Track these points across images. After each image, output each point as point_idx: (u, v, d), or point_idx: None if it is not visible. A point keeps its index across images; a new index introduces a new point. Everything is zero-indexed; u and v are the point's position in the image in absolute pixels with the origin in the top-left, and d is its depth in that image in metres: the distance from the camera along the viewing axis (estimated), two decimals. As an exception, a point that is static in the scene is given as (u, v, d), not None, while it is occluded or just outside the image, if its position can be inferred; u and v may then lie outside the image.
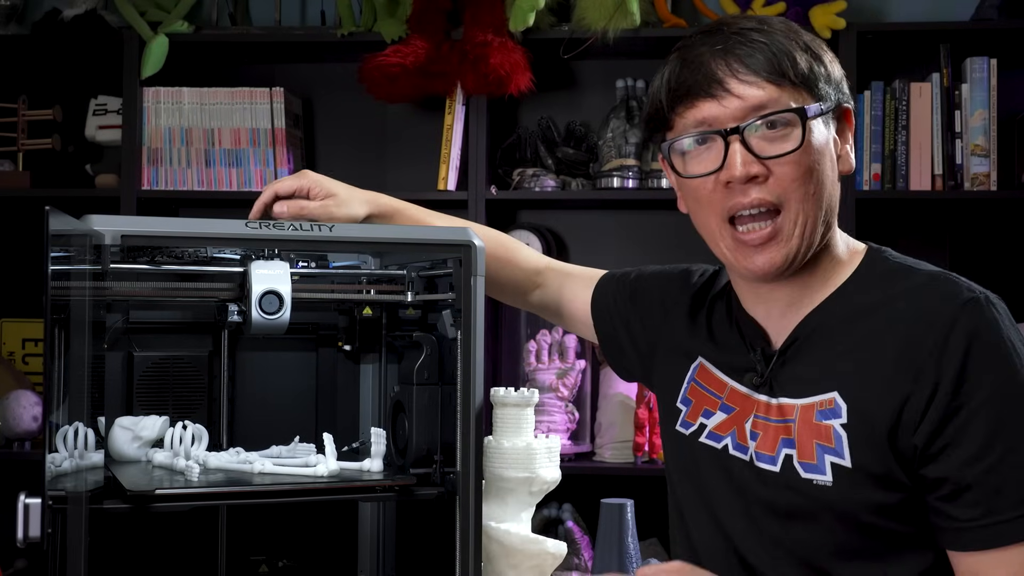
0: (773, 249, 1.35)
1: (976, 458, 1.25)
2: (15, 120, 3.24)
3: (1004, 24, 3.03)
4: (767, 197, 1.34)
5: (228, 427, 1.94)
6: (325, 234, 1.66)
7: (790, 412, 1.38)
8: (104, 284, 1.64)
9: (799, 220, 1.34)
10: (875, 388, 1.31)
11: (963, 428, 1.26)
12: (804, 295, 1.41)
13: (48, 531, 1.35)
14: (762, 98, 1.33)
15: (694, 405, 1.52)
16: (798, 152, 1.33)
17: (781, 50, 1.34)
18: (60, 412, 1.49)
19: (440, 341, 1.79)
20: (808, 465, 1.35)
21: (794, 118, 1.33)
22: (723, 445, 1.45)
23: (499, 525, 1.78)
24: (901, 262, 1.40)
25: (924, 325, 1.30)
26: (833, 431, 1.33)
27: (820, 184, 1.35)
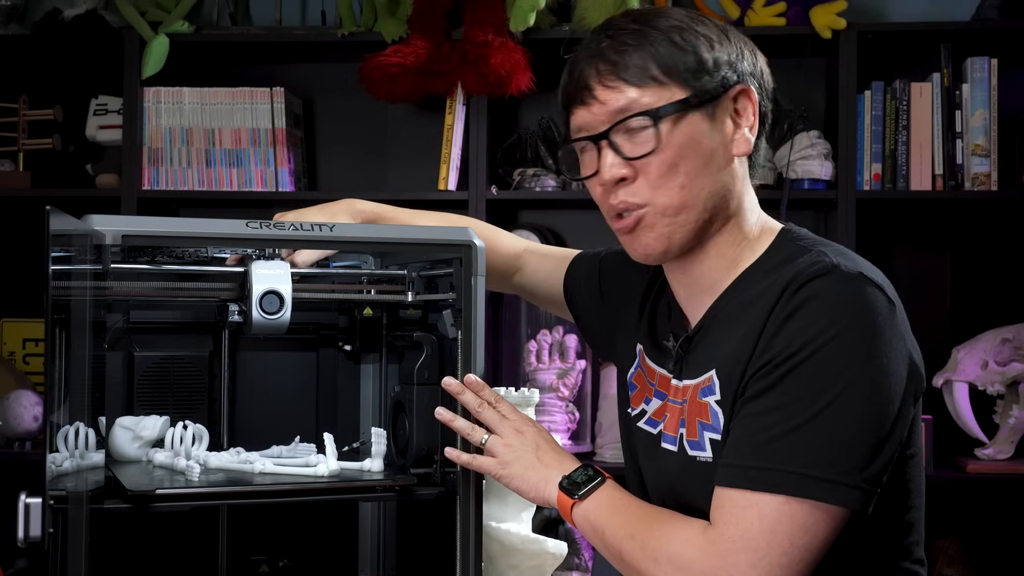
0: (642, 234, 1.39)
1: (752, 398, 1.29)
2: (16, 120, 3.24)
3: (1004, 24, 3.03)
4: (630, 199, 1.38)
5: (229, 427, 1.94)
6: (326, 234, 1.66)
7: (686, 393, 1.42)
8: (105, 284, 1.64)
9: (666, 212, 1.37)
10: (733, 359, 1.34)
11: (761, 376, 1.29)
12: (715, 279, 1.43)
13: (49, 531, 1.35)
14: (624, 102, 1.36)
15: (638, 390, 1.56)
16: (657, 152, 1.35)
17: (648, 50, 1.35)
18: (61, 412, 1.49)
19: (441, 341, 1.79)
20: (693, 443, 1.39)
21: (647, 120, 1.35)
22: (658, 431, 1.49)
23: (500, 525, 1.78)
24: (801, 244, 1.40)
25: (778, 292, 1.31)
26: (710, 408, 1.37)
27: (693, 175, 1.36)
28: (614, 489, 1.44)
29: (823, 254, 1.34)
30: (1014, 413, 2.93)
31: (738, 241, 1.42)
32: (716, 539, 1.28)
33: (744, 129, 1.40)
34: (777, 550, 1.25)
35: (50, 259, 1.34)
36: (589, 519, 1.43)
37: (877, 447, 1.26)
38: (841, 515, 1.27)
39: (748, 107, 1.40)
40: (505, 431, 1.54)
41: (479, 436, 1.56)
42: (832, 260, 1.32)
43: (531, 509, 1.83)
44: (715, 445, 1.36)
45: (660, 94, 1.35)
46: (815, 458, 1.25)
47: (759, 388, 1.29)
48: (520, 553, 1.78)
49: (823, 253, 1.34)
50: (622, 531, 1.38)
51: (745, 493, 1.27)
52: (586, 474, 1.45)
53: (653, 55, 1.35)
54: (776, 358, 1.28)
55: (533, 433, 1.53)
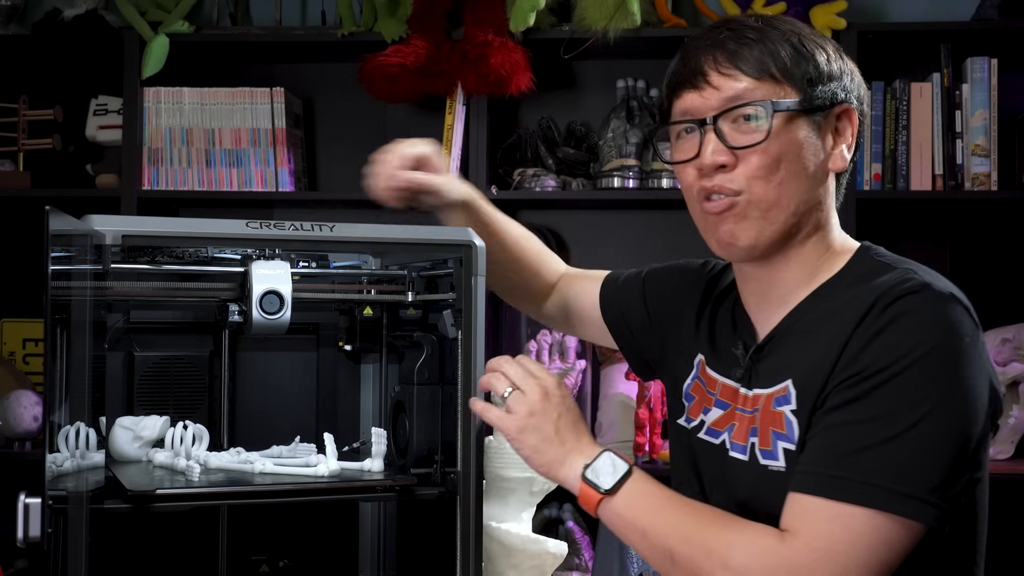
0: (731, 221, 1.39)
1: (835, 408, 1.29)
2: (16, 120, 3.24)
3: (1005, 24, 3.03)
4: (728, 184, 1.39)
5: (229, 427, 1.94)
6: (326, 234, 1.66)
7: (758, 402, 1.41)
8: (105, 284, 1.64)
9: (760, 204, 1.38)
10: (814, 371, 1.33)
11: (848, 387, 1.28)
12: (791, 290, 1.43)
13: (48, 531, 1.35)
14: (739, 90, 1.38)
15: (696, 401, 1.54)
16: (764, 143, 1.37)
17: (768, 47, 1.38)
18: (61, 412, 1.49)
19: (441, 341, 1.79)
20: (765, 452, 1.38)
21: (762, 111, 1.37)
22: (721, 441, 1.47)
23: (500, 525, 1.78)
24: (883, 261, 1.41)
25: (864, 308, 1.31)
26: (784, 417, 1.36)
27: (791, 176, 1.38)
28: (644, 481, 1.39)
29: (912, 272, 1.34)
30: (1014, 413, 2.93)
31: (819, 254, 1.43)
32: (800, 549, 1.26)
33: (842, 146, 1.42)
34: (859, 564, 1.24)
35: (50, 259, 1.34)
36: (623, 516, 1.38)
37: (958, 467, 1.26)
38: (919, 532, 1.26)
39: (848, 127, 1.42)
40: (531, 389, 1.47)
41: (503, 387, 1.50)
42: (923, 278, 1.32)
43: (531, 509, 1.84)
44: (789, 455, 1.35)
45: (774, 91, 1.37)
46: (903, 473, 1.24)
47: (844, 398, 1.28)
48: (520, 553, 1.78)
49: (911, 271, 1.34)
50: (674, 533, 1.34)
51: (831, 503, 1.26)
52: (611, 463, 1.40)
53: (773, 53, 1.38)
54: (865, 371, 1.27)
55: (559, 400, 1.47)
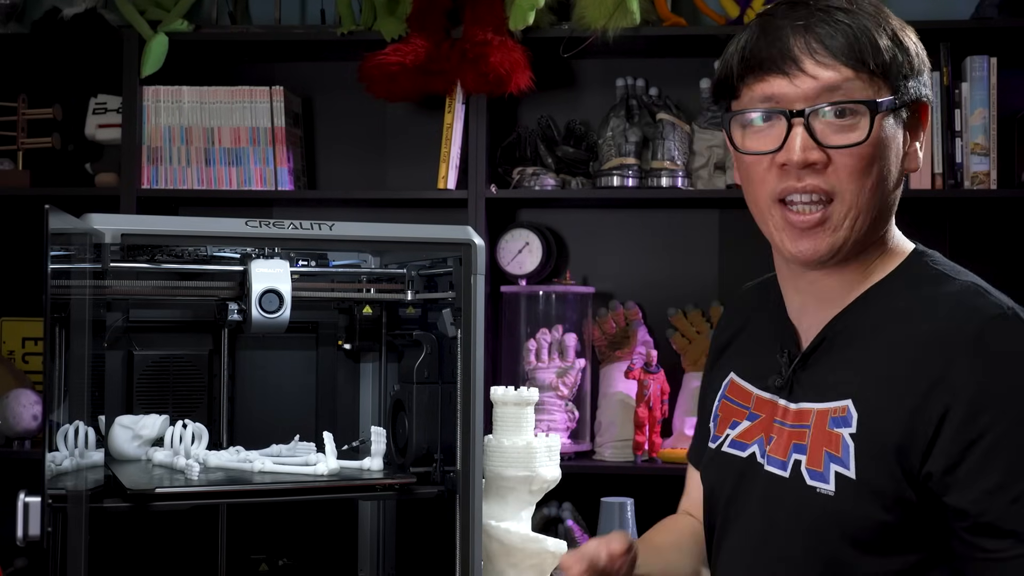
0: (820, 236, 1.31)
1: (1001, 487, 1.20)
2: (15, 119, 3.24)
3: (1004, 23, 3.02)
4: (821, 185, 1.29)
5: (228, 426, 1.94)
6: (325, 233, 1.66)
7: (807, 417, 1.34)
8: (104, 283, 1.64)
9: (851, 212, 1.30)
10: (886, 400, 1.27)
11: (987, 455, 1.20)
12: (841, 289, 1.36)
13: (48, 529, 1.35)
14: (836, 81, 1.28)
15: (721, 419, 1.48)
16: (862, 145, 1.28)
17: (864, 35, 1.28)
18: (60, 411, 1.49)
19: (440, 340, 1.79)
20: (814, 472, 1.31)
21: (864, 109, 1.27)
22: (749, 454, 1.41)
23: (499, 524, 1.78)
24: (939, 269, 1.34)
25: (944, 339, 1.25)
26: (842, 440, 1.29)
27: (880, 179, 1.30)
28: None
29: (985, 291, 1.29)
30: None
31: (875, 258, 1.37)
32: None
33: (917, 144, 1.35)
34: None
35: (49, 258, 1.34)
36: None
37: None
38: None
39: (921, 124, 1.35)
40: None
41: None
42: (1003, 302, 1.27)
43: (530, 508, 1.84)
44: (842, 480, 1.28)
45: (871, 84, 1.28)
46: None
47: (1000, 472, 1.20)
48: (519, 552, 1.78)
49: (985, 290, 1.29)
50: None
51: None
52: None
53: (872, 43, 1.28)
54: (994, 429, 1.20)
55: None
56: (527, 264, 3.18)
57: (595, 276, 3.28)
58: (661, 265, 3.27)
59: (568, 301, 3.16)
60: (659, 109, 3.13)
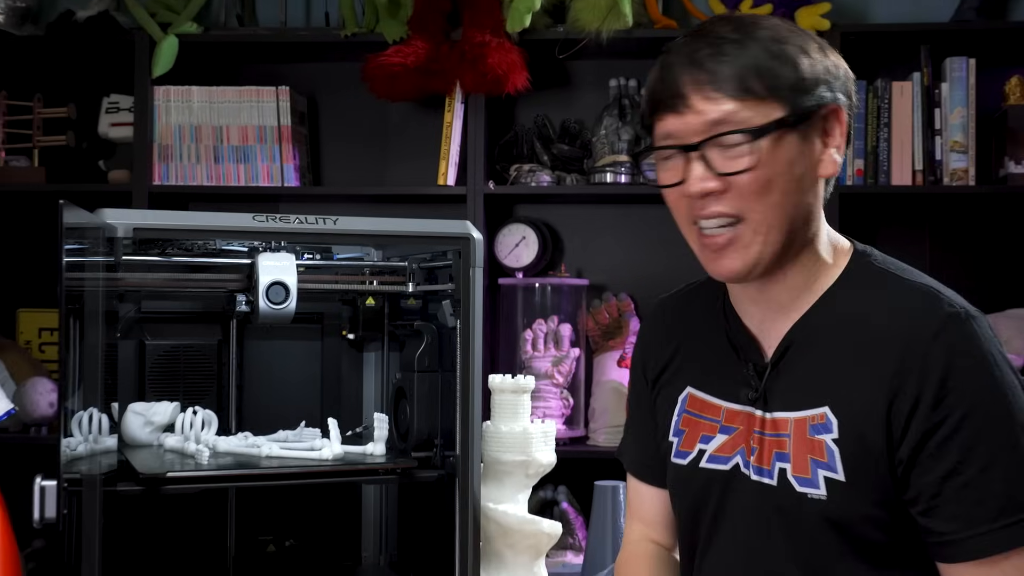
0: (732, 255, 1.32)
1: (954, 472, 1.22)
2: (31, 118, 3.24)
3: (982, 25, 3.02)
4: (725, 210, 1.30)
5: (237, 412, 1.94)
6: (329, 227, 1.66)
7: (784, 426, 1.34)
8: (117, 275, 1.65)
9: (759, 229, 1.30)
10: (862, 403, 1.27)
11: (943, 443, 1.23)
12: (793, 297, 1.36)
13: (63, 512, 1.35)
14: (722, 114, 1.27)
15: (688, 434, 1.45)
16: (754, 169, 1.28)
17: (750, 63, 1.27)
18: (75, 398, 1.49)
19: (440, 330, 1.79)
20: (802, 479, 1.31)
21: (745, 137, 1.27)
22: (732, 465, 1.39)
23: (497, 506, 1.78)
24: (884, 268, 1.35)
25: (906, 340, 1.26)
26: (825, 446, 1.29)
27: (785, 194, 1.29)
28: None
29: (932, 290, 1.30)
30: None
31: (815, 261, 1.36)
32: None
33: (832, 149, 1.33)
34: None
35: (64, 251, 1.34)
36: None
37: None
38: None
39: (837, 127, 1.33)
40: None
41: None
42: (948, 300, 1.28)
43: (527, 491, 1.84)
44: (832, 484, 1.28)
45: (758, 110, 1.27)
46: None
47: (953, 459, 1.22)
48: (516, 533, 1.79)
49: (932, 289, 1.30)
50: None
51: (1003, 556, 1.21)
52: None
53: (754, 67, 1.27)
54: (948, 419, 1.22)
55: None
56: (524, 257, 3.18)
57: (589, 269, 3.29)
58: (652, 258, 3.27)
59: (563, 293, 3.16)
60: (651, 108, 3.12)
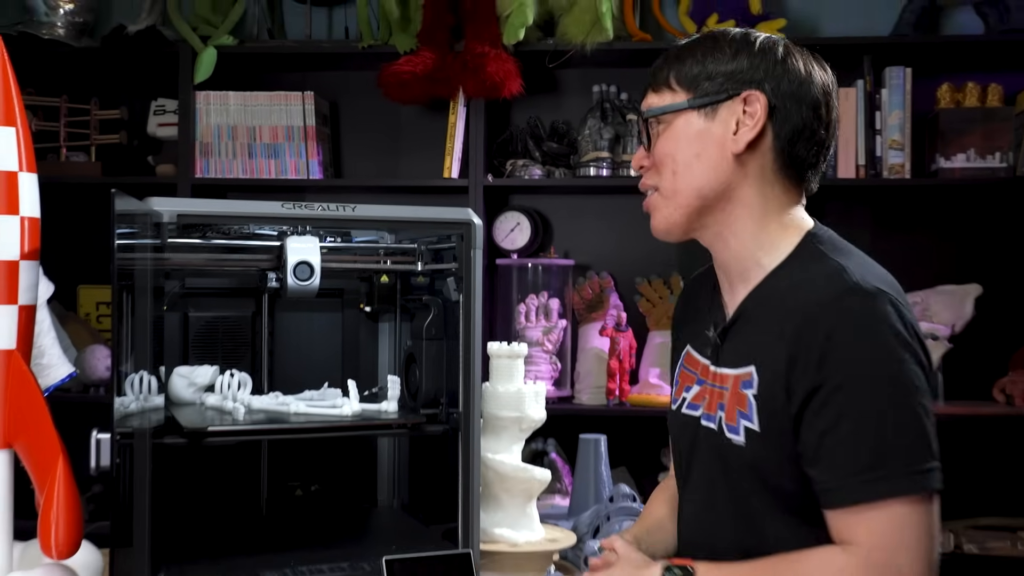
0: (654, 215, 1.40)
1: (830, 429, 1.21)
2: (88, 119, 3.22)
3: (918, 39, 3.01)
4: (647, 181, 1.40)
5: (268, 375, 1.94)
6: (349, 214, 1.65)
7: (726, 380, 1.35)
8: (163, 256, 1.64)
9: (666, 195, 1.37)
10: (772, 364, 1.27)
11: (822, 403, 1.21)
12: (745, 269, 1.36)
13: (116, 461, 1.34)
14: (649, 103, 1.39)
15: (679, 385, 1.48)
16: (658, 144, 1.37)
17: (668, 61, 1.37)
18: (128, 363, 1.49)
19: (445, 303, 1.79)
20: (730, 427, 1.32)
21: (653, 120, 1.37)
22: (699, 413, 1.40)
23: (494, 456, 1.78)
24: (822, 248, 1.32)
25: (804, 309, 1.25)
26: (748, 399, 1.29)
27: (685, 165, 1.34)
28: (708, 570, 1.29)
29: (843, 270, 1.26)
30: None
31: (755, 234, 1.35)
32: (868, 554, 1.19)
33: (743, 130, 1.32)
34: (917, 543, 1.19)
35: (116, 235, 1.33)
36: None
37: (931, 431, 1.21)
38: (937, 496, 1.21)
39: (758, 112, 1.32)
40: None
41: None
42: (852, 278, 1.24)
43: (521, 443, 1.84)
44: (748, 432, 1.29)
45: (670, 98, 1.36)
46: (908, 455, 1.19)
47: (830, 416, 1.21)
48: (511, 479, 1.79)
49: (843, 268, 1.26)
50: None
51: (871, 505, 1.19)
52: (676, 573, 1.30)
53: (677, 66, 1.36)
54: (828, 383, 1.21)
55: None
56: (518, 241, 3.17)
57: (575, 251, 3.28)
58: (630, 242, 3.26)
59: (552, 272, 3.16)
60: (629, 111, 3.11)
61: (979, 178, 2.94)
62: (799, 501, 1.27)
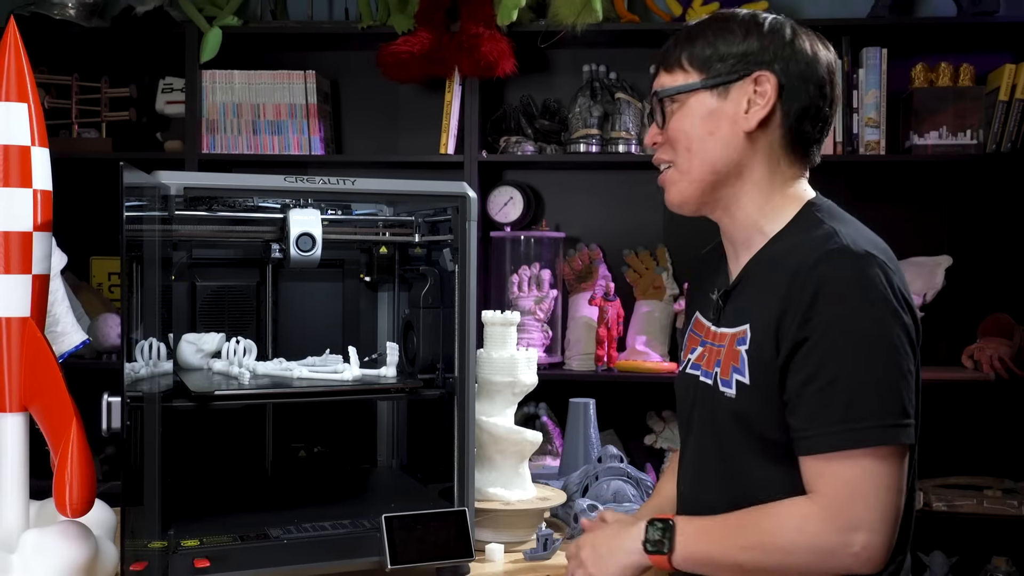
0: (669, 189, 1.40)
1: (810, 380, 1.22)
2: (99, 96, 3.20)
3: (894, 20, 2.99)
4: (663, 156, 1.40)
5: (272, 342, 1.93)
6: (349, 187, 1.64)
7: (724, 339, 1.36)
8: (171, 227, 1.63)
9: (681, 170, 1.37)
10: (763, 321, 1.28)
11: (805, 356, 1.23)
12: (747, 237, 1.38)
13: (127, 423, 1.34)
14: (662, 83, 1.38)
15: (687, 348, 1.48)
16: (672, 122, 1.37)
17: (679, 42, 1.36)
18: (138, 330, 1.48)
19: (441, 273, 1.78)
20: (724, 381, 1.33)
21: (664, 100, 1.37)
22: (699, 372, 1.41)
23: (488, 419, 1.78)
24: (819, 216, 1.33)
25: (795, 268, 1.25)
26: (741, 355, 1.30)
27: (698, 142, 1.35)
28: (685, 523, 1.31)
29: (835, 234, 1.27)
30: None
31: (760, 206, 1.36)
32: (831, 502, 1.21)
33: (754, 109, 1.33)
34: (881, 493, 1.20)
35: (124, 207, 1.32)
36: (692, 559, 1.29)
37: (906, 389, 1.23)
38: (907, 451, 1.23)
39: (768, 92, 1.32)
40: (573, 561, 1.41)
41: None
42: (842, 241, 1.25)
43: (513, 407, 1.83)
44: (740, 386, 1.30)
45: (683, 78, 1.35)
46: (880, 409, 1.20)
47: (809, 370, 1.22)
48: (504, 441, 1.79)
49: (836, 233, 1.27)
50: (731, 550, 1.26)
51: (839, 455, 1.20)
52: (657, 527, 1.31)
53: (681, 46, 1.36)
54: (811, 337, 1.22)
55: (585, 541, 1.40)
56: (511, 214, 3.16)
57: (566, 224, 3.27)
58: (618, 215, 3.26)
59: (544, 244, 3.15)
60: (617, 90, 3.09)
61: (950, 155, 2.93)
62: (783, 450, 1.28)
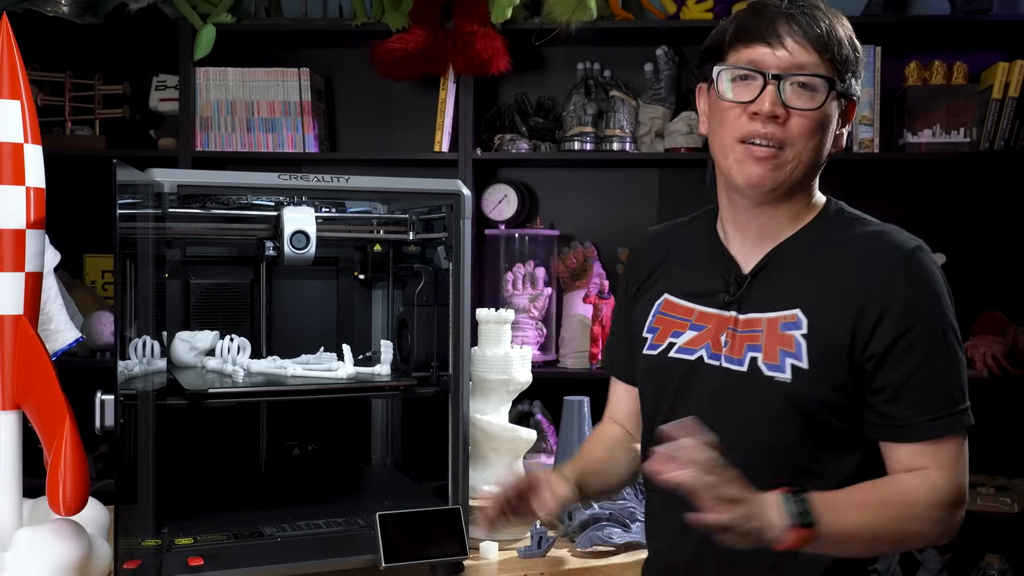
0: (767, 168, 1.33)
1: (914, 371, 1.29)
2: (92, 94, 3.18)
3: (888, 19, 3.00)
4: (778, 134, 1.33)
5: (266, 339, 1.93)
6: (343, 185, 1.64)
7: (757, 324, 1.35)
8: (164, 225, 1.62)
9: (793, 160, 1.34)
10: (831, 308, 1.31)
11: (907, 349, 1.29)
12: (775, 229, 1.39)
13: (120, 421, 1.34)
14: (805, 60, 1.32)
15: (660, 331, 1.45)
16: (816, 111, 1.33)
17: (833, 33, 1.34)
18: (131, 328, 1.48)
19: (436, 271, 1.78)
20: (771, 365, 1.33)
21: (824, 84, 1.32)
22: (697, 356, 1.40)
23: (483, 417, 1.78)
24: (855, 214, 1.42)
25: (878, 264, 1.32)
26: (795, 340, 1.32)
27: (819, 143, 1.35)
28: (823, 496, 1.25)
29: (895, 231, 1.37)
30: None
31: (805, 203, 1.41)
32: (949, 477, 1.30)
33: (845, 129, 1.40)
34: (967, 473, 1.32)
35: (117, 204, 1.31)
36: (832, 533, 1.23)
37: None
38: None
39: (849, 116, 1.40)
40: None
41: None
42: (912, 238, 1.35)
43: (508, 404, 1.83)
44: (797, 370, 1.31)
45: (829, 70, 1.33)
46: (961, 396, 1.31)
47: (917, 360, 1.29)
48: (499, 439, 1.79)
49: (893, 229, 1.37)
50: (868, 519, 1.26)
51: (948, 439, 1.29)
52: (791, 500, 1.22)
53: (838, 40, 1.34)
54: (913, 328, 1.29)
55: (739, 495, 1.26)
56: (505, 212, 3.16)
57: (560, 221, 3.27)
58: (612, 213, 3.26)
59: (538, 241, 3.15)
60: (611, 88, 3.09)
61: (944, 152, 2.93)
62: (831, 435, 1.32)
